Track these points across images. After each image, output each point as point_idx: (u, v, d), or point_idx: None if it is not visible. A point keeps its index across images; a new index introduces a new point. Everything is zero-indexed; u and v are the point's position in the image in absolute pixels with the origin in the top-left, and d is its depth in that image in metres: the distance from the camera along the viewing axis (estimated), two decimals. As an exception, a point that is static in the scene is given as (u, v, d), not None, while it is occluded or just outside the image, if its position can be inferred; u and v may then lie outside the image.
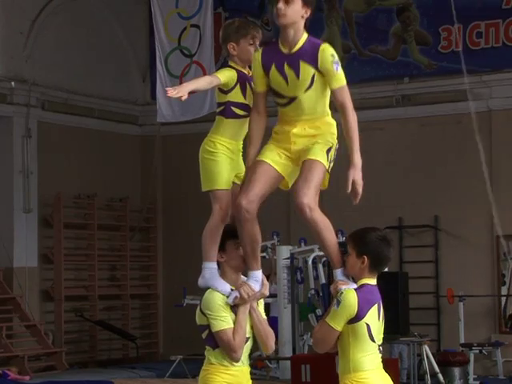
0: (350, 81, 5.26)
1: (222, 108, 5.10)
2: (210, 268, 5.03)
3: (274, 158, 4.90)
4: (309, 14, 4.87)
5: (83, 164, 16.65)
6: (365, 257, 4.71)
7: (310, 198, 4.71)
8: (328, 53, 4.84)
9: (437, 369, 13.58)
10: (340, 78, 4.87)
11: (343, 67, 4.98)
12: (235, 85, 5.10)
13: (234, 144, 5.13)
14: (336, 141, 4.91)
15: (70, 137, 16.38)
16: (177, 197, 17.66)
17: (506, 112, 14.08)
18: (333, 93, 4.89)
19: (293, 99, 4.93)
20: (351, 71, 15.41)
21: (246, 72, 5.14)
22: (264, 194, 4.88)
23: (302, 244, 15.12)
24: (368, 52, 14.91)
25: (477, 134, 10.94)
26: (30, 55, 15.38)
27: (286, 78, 4.88)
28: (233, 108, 5.08)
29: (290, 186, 4.97)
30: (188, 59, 15.07)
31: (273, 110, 5.38)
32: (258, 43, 5.15)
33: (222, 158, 5.09)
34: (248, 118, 5.08)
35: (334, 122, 4.93)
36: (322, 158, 4.81)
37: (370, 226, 5.02)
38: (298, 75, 4.85)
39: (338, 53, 5.22)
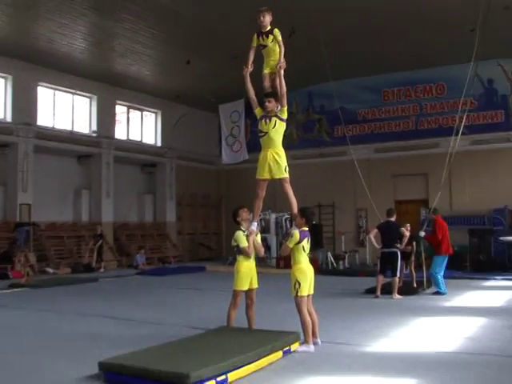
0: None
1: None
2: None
3: (264, 174, 7.20)
4: (279, 107, 7.11)
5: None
6: (304, 218, 7.14)
7: (288, 183, 6.99)
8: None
9: (333, 260, 19.82)
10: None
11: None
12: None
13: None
14: (284, 156, 7.22)
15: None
16: (235, 200, 21.59)
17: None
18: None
19: (266, 133, 7.10)
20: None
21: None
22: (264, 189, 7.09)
23: (281, 213, 20.97)
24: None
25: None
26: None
27: (266, 122, 7.11)
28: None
29: (269, 176, 7.20)
30: (234, 138, 21.64)
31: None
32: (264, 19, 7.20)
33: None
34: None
35: (283, 150, 7.20)
36: (285, 174, 7.15)
37: (306, 206, 7.36)
38: (270, 123, 7.10)
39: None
